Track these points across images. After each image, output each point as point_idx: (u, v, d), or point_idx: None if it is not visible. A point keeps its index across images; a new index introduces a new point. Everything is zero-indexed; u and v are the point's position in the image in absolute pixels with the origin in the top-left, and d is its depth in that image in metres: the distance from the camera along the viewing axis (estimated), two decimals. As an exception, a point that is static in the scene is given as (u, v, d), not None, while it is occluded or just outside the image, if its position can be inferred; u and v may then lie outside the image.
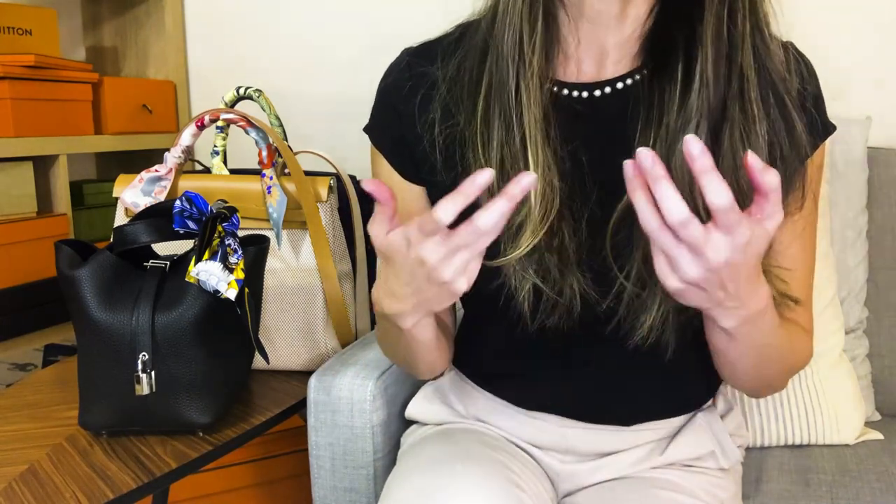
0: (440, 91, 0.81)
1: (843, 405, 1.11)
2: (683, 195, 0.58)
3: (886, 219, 1.24)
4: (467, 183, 0.59)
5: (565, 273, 0.75)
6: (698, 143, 0.55)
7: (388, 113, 0.85)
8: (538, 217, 0.73)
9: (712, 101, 0.71)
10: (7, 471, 0.86)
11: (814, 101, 0.79)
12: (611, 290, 0.76)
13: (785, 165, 0.74)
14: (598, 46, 0.78)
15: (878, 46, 1.37)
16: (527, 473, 0.81)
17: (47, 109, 1.49)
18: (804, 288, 0.83)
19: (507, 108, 0.75)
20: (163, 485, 0.86)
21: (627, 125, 0.76)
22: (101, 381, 0.92)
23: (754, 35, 0.73)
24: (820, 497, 0.97)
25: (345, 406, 0.97)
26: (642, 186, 0.59)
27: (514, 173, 0.75)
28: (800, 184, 0.77)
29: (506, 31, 0.75)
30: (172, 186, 1.19)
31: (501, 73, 0.75)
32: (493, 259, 0.75)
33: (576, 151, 0.77)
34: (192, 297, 0.92)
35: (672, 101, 0.73)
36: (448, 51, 0.82)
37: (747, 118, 0.72)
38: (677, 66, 0.73)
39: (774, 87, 0.74)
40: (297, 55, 1.75)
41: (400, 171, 0.85)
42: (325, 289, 1.16)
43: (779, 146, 0.74)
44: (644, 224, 0.59)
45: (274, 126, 1.27)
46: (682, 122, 0.72)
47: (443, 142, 0.80)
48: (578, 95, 0.79)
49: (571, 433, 0.86)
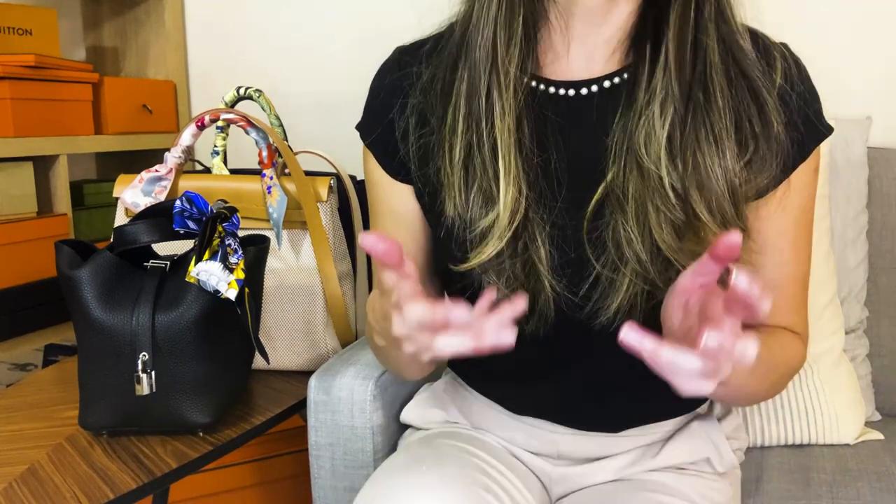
0: (417, 96, 0.81)
1: (843, 405, 1.11)
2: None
3: (886, 219, 1.24)
4: (443, 309, 0.57)
5: (535, 275, 0.75)
6: (635, 333, 0.54)
7: (376, 112, 0.85)
8: (505, 222, 0.74)
9: (675, 83, 0.73)
10: (7, 471, 0.86)
11: (805, 100, 0.78)
12: (585, 281, 0.76)
13: (756, 146, 0.75)
14: (587, 45, 0.78)
15: (879, 46, 1.37)
16: (510, 478, 0.81)
17: (47, 109, 1.49)
18: (791, 288, 0.82)
19: (478, 118, 0.75)
20: (163, 485, 0.86)
21: (607, 118, 0.77)
22: (102, 381, 0.92)
23: (718, 19, 0.74)
24: (820, 497, 0.97)
25: (345, 406, 0.97)
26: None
27: (482, 179, 0.75)
28: (775, 168, 0.76)
29: (479, 39, 0.75)
30: (172, 186, 1.19)
31: (473, 81, 0.76)
32: (460, 264, 0.76)
33: (549, 153, 0.77)
34: (193, 297, 0.92)
35: (641, 81, 0.75)
36: (430, 53, 0.83)
37: (709, 100, 0.73)
38: (646, 48, 0.75)
39: (744, 70, 0.75)
40: (297, 55, 1.75)
41: (388, 171, 0.85)
42: (325, 289, 1.16)
43: (748, 126, 0.74)
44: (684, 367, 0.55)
45: (274, 126, 1.27)
46: (648, 99, 0.74)
47: (417, 148, 0.81)
48: (565, 94, 0.79)
49: (562, 438, 0.86)
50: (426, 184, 0.81)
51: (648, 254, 0.73)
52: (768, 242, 0.80)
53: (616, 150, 0.75)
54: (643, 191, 0.73)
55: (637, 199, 0.73)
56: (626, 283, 0.74)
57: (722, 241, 0.54)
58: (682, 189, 0.72)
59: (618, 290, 0.74)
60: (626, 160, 0.74)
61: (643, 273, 0.73)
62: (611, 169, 0.75)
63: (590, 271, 0.75)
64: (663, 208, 0.72)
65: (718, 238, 0.54)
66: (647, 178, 0.73)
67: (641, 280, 0.73)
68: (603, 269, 0.75)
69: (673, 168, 0.73)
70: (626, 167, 0.74)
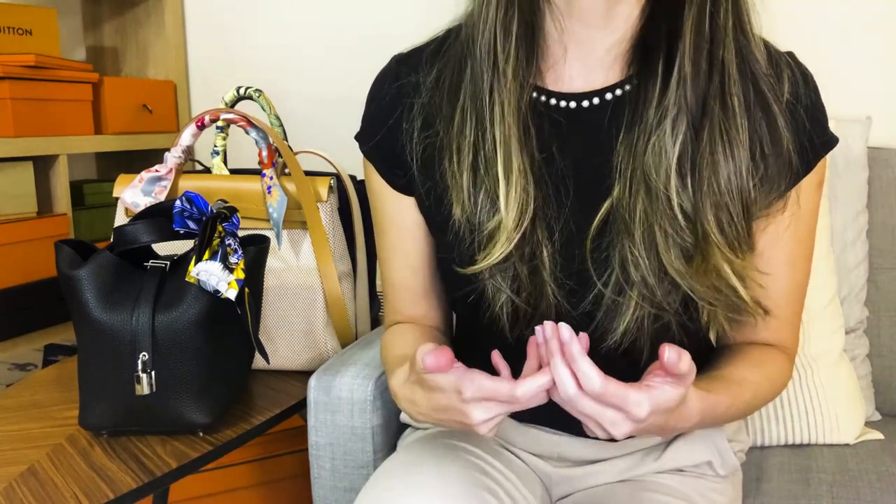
0: (422, 99, 0.80)
1: (843, 405, 1.11)
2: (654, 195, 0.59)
3: (886, 219, 1.24)
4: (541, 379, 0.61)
5: (539, 283, 0.75)
6: (566, 329, 0.59)
7: (374, 123, 0.85)
8: (512, 225, 0.73)
9: (690, 97, 0.71)
10: (7, 471, 0.86)
11: (811, 115, 0.77)
12: (587, 297, 0.75)
13: (766, 163, 0.74)
14: (587, 52, 0.77)
15: (879, 46, 1.37)
16: (511, 478, 0.81)
17: (47, 109, 1.49)
18: (789, 304, 0.82)
19: (482, 117, 0.75)
20: (163, 485, 0.86)
21: (611, 132, 0.76)
22: (102, 381, 0.92)
23: (736, 30, 0.72)
24: (820, 497, 0.97)
25: (345, 406, 0.97)
26: (559, 352, 0.60)
27: (487, 181, 0.75)
28: (782, 184, 0.75)
29: (480, 39, 0.75)
30: (172, 186, 1.19)
31: (476, 82, 0.75)
32: (468, 267, 0.75)
33: (554, 159, 0.76)
34: (192, 297, 0.92)
35: (652, 97, 0.73)
36: (432, 57, 0.82)
37: (727, 115, 0.71)
38: (658, 61, 0.73)
39: (756, 83, 0.74)
40: (297, 55, 1.75)
41: (388, 180, 0.85)
42: (325, 289, 1.16)
43: (759, 143, 0.73)
44: (561, 390, 0.60)
45: (274, 126, 1.27)
46: (660, 117, 0.72)
47: (422, 150, 0.80)
48: (566, 106, 0.78)
49: (563, 441, 0.86)
50: (431, 187, 0.80)
51: (655, 277, 0.72)
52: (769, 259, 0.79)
53: (622, 168, 0.74)
54: (651, 213, 0.72)
55: (644, 222, 0.72)
56: (632, 306, 0.73)
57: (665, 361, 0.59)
58: (691, 210, 0.71)
59: (624, 314, 0.73)
60: (632, 179, 0.73)
61: (650, 296, 0.72)
62: (616, 187, 0.74)
63: (592, 290, 0.75)
64: (671, 231, 0.71)
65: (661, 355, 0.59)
66: (656, 200, 0.71)
67: (648, 303, 0.73)
68: (606, 288, 0.74)
69: (683, 189, 0.71)
70: (633, 188, 0.73)
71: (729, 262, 0.72)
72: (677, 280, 0.72)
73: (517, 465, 0.86)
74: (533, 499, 0.82)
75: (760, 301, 0.77)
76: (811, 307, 1.07)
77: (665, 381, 0.61)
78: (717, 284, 0.72)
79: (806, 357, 1.11)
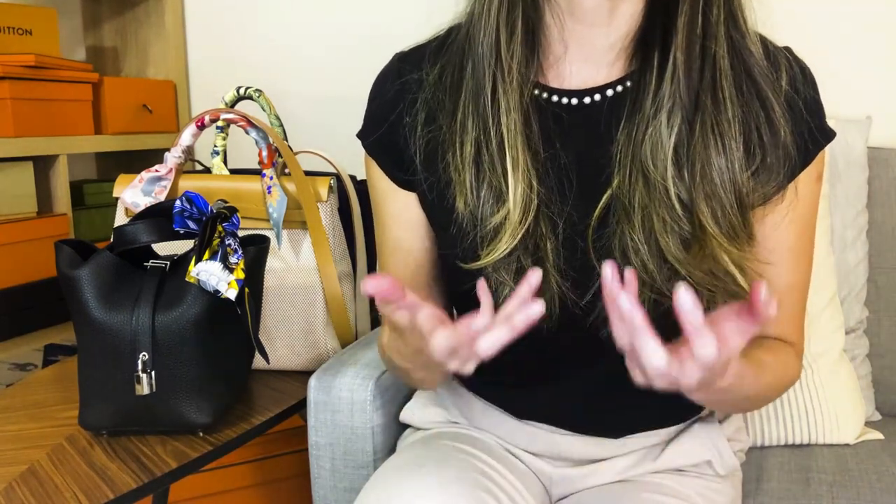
0: (425, 94, 0.81)
1: (843, 405, 1.11)
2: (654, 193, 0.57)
3: (886, 219, 1.24)
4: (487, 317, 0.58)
5: (542, 275, 0.75)
6: (688, 295, 0.53)
7: (377, 120, 0.85)
8: (517, 219, 0.73)
9: (684, 90, 0.72)
10: (7, 471, 0.86)
11: (810, 108, 0.77)
12: (590, 286, 0.75)
13: (763, 153, 0.74)
14: (588, 49, 0.77)
15: (879, 46, 1.37)
16: (510, 479, 0.81)
17: (47, 109, 1.49)
18: (791, 297, 0.82)
19: (484, 113, 0.75)
20: (163, 485, 0.86)
21: (612, 126, 0.76)
22: (101, 381, 0.92)
23: (728, 25, 0.73)
24: (820, 497, 0.97)
25: (345, 406, 0.97)
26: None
27: (492, 176, 0.75)
28: (781, 175, 0.76)
29: (482, 37, 0.75)
30: (172, 186, 1.19)
31: (479, 79, 0.76)
32: (471, 262, 0.75)
33: (557, 154, 0.77)
34: (193, 297, 0.92)
35: (649, 89, 0.74)
36: (435, 54, 0.82)
37: (719, 108, 0.72)
38: (654, 55, 0.74)
39: (752, 76, 0.74)
40: (297, 55, 1.75)
41: (391, 178, 0.85)
42: (325, 289, 1.16)
43: (756, 133, 0.74)
44: (619, 339, 0.58)
45: (274, 126, 1.27)
46: (656, 108, 0.73)
47: (424, 145, 0.80)
48: (568, 102, 0.78)
49: (563, 440, 0.86)
50: (434, 182, 0.80)
51: (655, 263, 0.72)
52: (770, 250, 0.79)
53: (621, 158, 0.75)
54: (648, 201, 0.73)
55: (643, 209, 0.73)
56: None
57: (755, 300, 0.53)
58: (688, 200, 0.72)
59: None
60: (631, 170, 0.74)
61: (650, 282, 0.73)
62: (616, 177, 0.75)
63: (594, 280, 0.75)
64: (669, 219, 0.72)
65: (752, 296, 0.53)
66: (653, 189, 0.73)
67: (648, 289, 0.73)
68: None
69: (679, 179, 0.72)
70: (632, 177, 0.74)
71: (727, 251, 0.72)
72: (676, 266, 0.72)
73: (517, 466, 0.86)
74: (532, 499, 0.82)
75: None
76: (811, 307, 1.06)
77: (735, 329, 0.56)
78: (716, 271, 0.73)
79: (806, 357, 1.11)
